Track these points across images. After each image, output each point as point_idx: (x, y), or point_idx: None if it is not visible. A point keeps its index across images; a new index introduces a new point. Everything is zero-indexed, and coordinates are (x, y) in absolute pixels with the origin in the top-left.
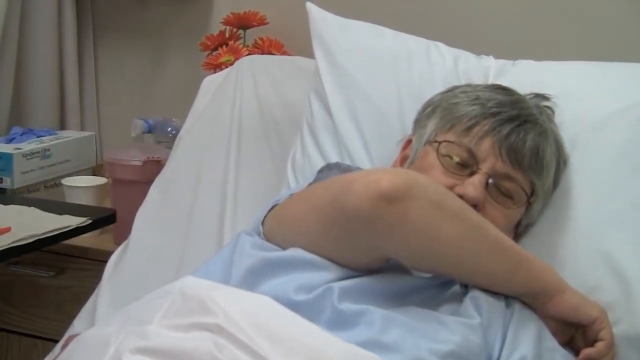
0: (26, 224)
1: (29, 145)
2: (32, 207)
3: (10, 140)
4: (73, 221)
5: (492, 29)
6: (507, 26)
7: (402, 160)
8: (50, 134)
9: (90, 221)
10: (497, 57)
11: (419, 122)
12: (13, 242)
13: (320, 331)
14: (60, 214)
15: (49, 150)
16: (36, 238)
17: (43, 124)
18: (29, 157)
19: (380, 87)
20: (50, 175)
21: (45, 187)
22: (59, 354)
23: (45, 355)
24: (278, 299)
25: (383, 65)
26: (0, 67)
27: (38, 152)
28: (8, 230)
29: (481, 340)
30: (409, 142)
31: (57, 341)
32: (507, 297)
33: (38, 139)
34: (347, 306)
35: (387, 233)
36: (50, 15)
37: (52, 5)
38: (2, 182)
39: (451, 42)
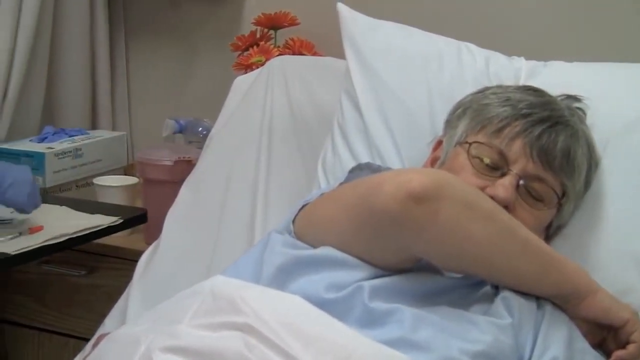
0: (58, 223)
1: (61, 144)
2: (64, 207)
3: (42, 140)
4: (104, 220)
5: (524, 29)
6: (538, 27)
7: (433, 161)
8: (82, 134)
9: (121, 221)
10: (528, 58)
11: (450, 123)
12: (45, 241)
13: (350, 331)
14: (92, 213)
15: (80, 149)
16: (68, 237)
17: (75, 123)
18: (60, 156)
19: (410, 87)
20: (81, 175)
21: (76, 186)
22: (89, 353)
23: (76, 354)
24: (309, 296)
25: (414, 66)
26: (33, 68)
27: (70, 152)
28: (40, 229)
29: (512, 341)
30: (439, 143)
31: (88, 340)
32: (539, 299)
33: (70, 138)
34: (378, 305)
35: (416, 233)
36: (82, 16)
37: (84, 6)
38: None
39: (482, 43)
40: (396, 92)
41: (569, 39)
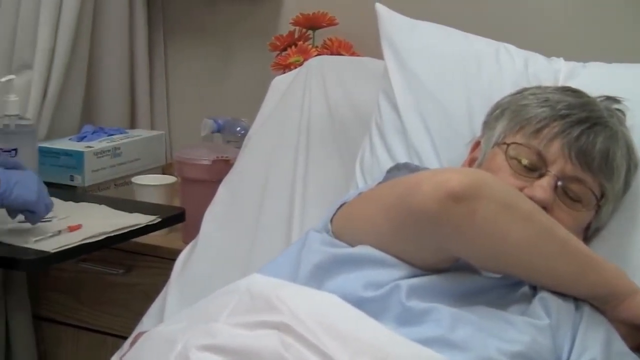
0: (96, 221)
1: (100, 143)
2: (102, 205)
3: (81, 139)
4: (143, 219)
5: (563, 30)
6: (577, 28)
7: (471, 162)
8: (121, 133)
9: (159, 220)
10: (567, 59)
11: (488, 123)
12: (83, 240)
13: (388, 331)
14: (130, 212)
15: (119, 148)
16: (106, 235)
17: (114, 122)
18: (99, 155)
19: (449, 88)
20: (120, 174)
21: (115, 185)
22: (127, 351)
23: (114, 352)
24: (346, 295)
25: (452, 66)
26: (72, 67)
27: (109, 151)
28: (79, 227)
29: (550, 342)
30: (477, 143)
31: (125, 337)
32: (577, 300)
33: (109, 137)
34: (415, 304)
35: (454, 233)
36: (122, 16)
37: (123, 5)
38: (73, 180)
39: (521, 44)
40: (434, 93)
41: (608, 40)
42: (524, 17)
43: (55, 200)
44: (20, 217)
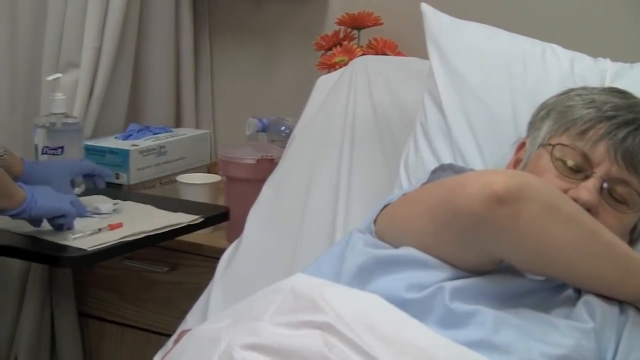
0: (138, 220)
1: (145, 142)
2: (147, 205)
3: (127, 137)
4: (185, 219)
5: (610, 31)
6: (625, 28)
7: (516, 163)
8: (166, 132)
9: (201, 219)
10: (614, 59)
11: (533, 124)
12: (121, 238)
13: (431, 332)
14: (175, 211)
15: (164, 147)
16: (145, 235)
17: (159, 121)
18: (145, 153)
19: (494, 89)
20: (165, 172)
21: (160, 183)
22: (171, 349)
23: (157, 349)
24: (389, 296)
25: (497, 67)
26: (118, 66)
27: (154, 149)
28: (120, 225)
29: (594, 346)
30: (522, 144)
31: (168, 335)
32: (621, 303)
33: (154, 136)
34: (459, 306)
35: (498, 235)
36: (168, 16)
37: (170, 5)
38: (118, 178)
39: (567, 44)
40: (479, 93)
41: None
42: (570, 18)
43: (101, 198)
44: (46, 224)
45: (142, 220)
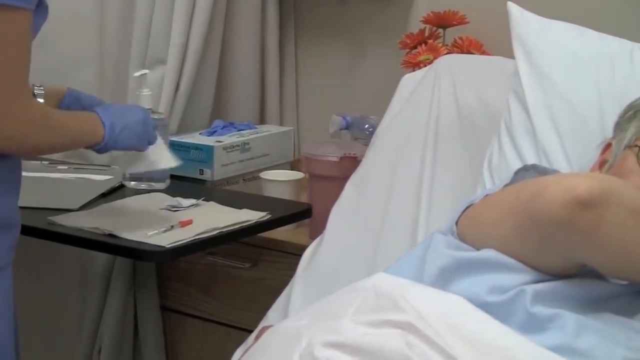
0: (206, 217)
1: (230, 138)
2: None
3: (211, 133)
4: (252, 216)
5: None
6: None
7: (601, 164)
8: (250, 128)
9: (269, 217)
10: None
11: (620, 125)
12: (196, 235)
13: (513, 333)
14: (253, 208)
15: (248, 144)
16: (218, 231)
17: (244, 118)
18: (229, 150)
19: (580, 89)
20: (248, 169)
21: (243, 180)
22: (252, 345)
23: (238, 345)
24: (470, 299)
25: (584, 67)
26: (204, 62)
27: (238, 146)
28: (190, 222)
29: None
30: (608, 145)
31: (250, 331)
32: None
33: (238, 132)
34: (540, 309)
35: (581, 240)
36: (254, 14)
37: (256, 3)
38: (202, 174)
39: None
40: (565, 94)
41: None
42: None
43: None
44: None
45: (210, 217)
